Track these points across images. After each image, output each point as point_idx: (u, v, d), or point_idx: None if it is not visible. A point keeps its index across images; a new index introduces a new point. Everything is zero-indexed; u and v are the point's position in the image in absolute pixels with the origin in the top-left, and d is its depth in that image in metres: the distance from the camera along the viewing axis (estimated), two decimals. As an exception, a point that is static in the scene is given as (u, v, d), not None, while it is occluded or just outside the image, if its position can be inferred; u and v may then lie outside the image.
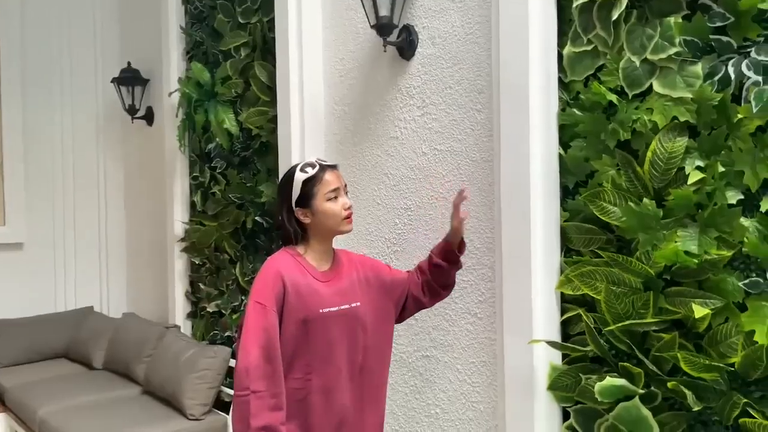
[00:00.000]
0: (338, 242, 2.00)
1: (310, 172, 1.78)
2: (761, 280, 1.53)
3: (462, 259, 1.95)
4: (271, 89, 2.99)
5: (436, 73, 2.31)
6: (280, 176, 2.86)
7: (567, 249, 1.89)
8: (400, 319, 1.99)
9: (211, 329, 3.50)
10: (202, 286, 3.54)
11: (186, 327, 3.71)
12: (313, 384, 1.75)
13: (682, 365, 1.57)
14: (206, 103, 3.35)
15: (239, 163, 3.25)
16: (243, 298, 3.25)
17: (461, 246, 1.93)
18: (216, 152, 3.41)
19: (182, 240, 3.67)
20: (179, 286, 3.73)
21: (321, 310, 1.75)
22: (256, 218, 3.12)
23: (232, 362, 3.14)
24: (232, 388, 3.11)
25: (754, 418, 1.52)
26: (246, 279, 3.23)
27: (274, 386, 1.65)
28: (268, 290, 1.71)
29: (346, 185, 1.83)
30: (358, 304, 1.83)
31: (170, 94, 3.63)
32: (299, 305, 1.73)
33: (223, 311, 3.40)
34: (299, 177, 1.79)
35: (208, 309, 3.48)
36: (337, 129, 2.73)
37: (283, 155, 2.84)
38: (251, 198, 3.16)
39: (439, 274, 1.94)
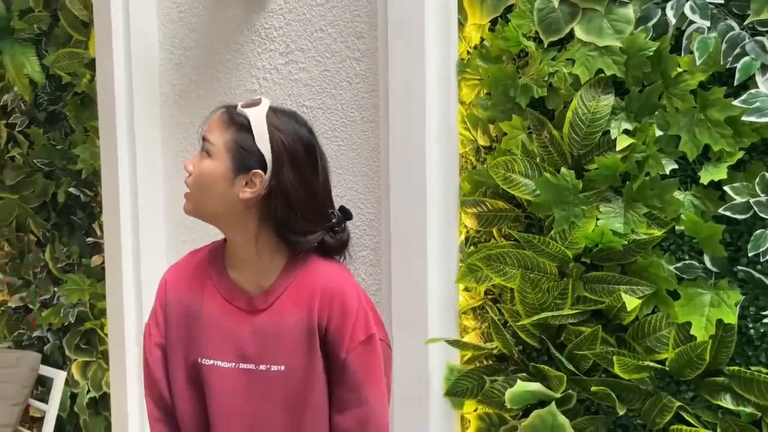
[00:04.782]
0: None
1: None
2: (696, 263, 1.32)
3: None
4: (86, 26, 2.37)
5: (302, 12, 1.87)
6: (103, 137, 2.32)
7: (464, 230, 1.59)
8: None
9: (16, 328, 2.83)
10: (0, 276, 2.84)
11: (-20, 326, 2.96)
12: None
13: (616, 369, 1.33)
14: (-1, 42, 2.63)
15: (46, 119, 2.59)
16: (55, 290, 2.62)
17: None
18: (14, 105, 2.70)
19: (-29, 218, 2.90)
20: (-31, 276, 2.96)
21: (201, 360, 1.12)
22: (71, 189, 2.50)
23: (45, 369, 2.54)
24: (43, 401, 2.53)
25: (687, 422, 1.32)
26: (60, 266, 2.60)
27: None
28: (154, 309, 1.18)
29: None
30: (282, 368, 1.11)
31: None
32: (182, 343, 1.15)
33: (31, 305, 2.75)
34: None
35: (9, 303, 2.80)
36: (177, 79, 2.20)
37: (105, 111, 2.26)
38: (63, 164, 2.52)
39: None
